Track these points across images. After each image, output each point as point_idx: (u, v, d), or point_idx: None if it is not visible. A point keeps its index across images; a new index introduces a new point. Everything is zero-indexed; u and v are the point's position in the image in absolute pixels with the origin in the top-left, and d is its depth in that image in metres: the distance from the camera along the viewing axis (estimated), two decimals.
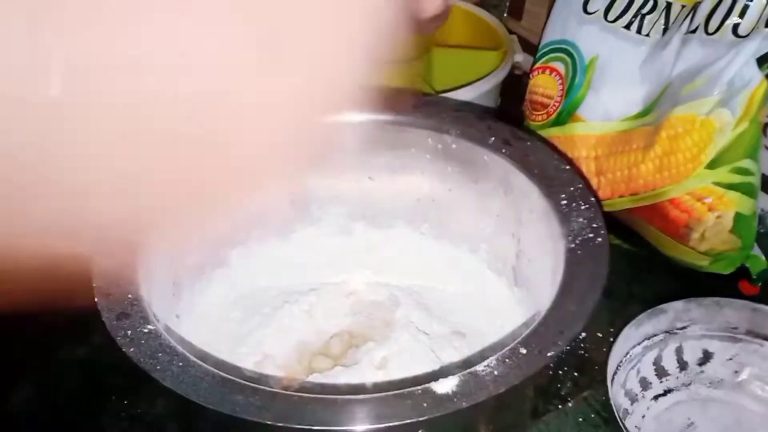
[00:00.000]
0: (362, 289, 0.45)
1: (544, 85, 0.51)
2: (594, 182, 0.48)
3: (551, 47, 0.51)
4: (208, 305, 0.42)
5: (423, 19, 0.28)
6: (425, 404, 0.27)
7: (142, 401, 0.42)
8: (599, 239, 0.34)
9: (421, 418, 0.26)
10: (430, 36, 0.62)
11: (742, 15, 0.43)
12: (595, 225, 0.35)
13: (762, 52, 0.42)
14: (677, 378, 0.42)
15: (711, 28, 0.44)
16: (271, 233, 0.45)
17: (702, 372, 0.42)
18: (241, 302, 0.43)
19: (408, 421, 0.26)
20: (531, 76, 0.52)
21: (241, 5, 0.16)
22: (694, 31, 0.45)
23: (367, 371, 0.38)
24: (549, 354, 0.29)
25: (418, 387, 0.27)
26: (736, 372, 0.42)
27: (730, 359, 0.42)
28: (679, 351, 0.42)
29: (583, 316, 0.30)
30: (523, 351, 0.29)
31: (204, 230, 0.24)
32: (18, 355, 0.45)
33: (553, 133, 0.50)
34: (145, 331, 0.30)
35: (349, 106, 0.19)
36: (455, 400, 0.27)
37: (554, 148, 0.40)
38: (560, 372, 0.44)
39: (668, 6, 0.47)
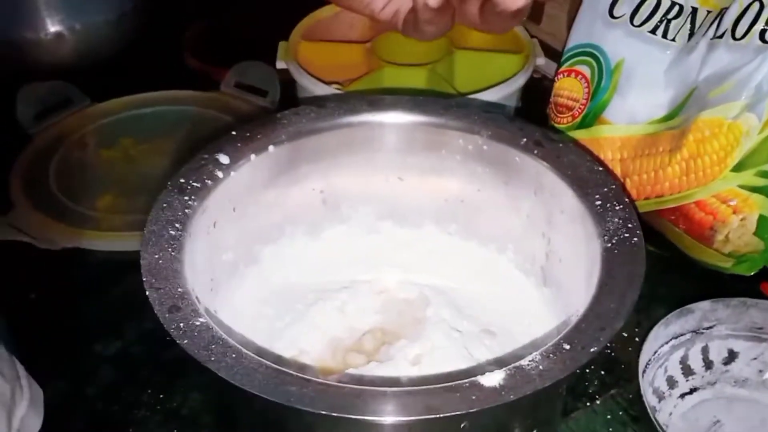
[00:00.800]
0: (393, 287, 0.46)
1: (569, 88, 0.52)
2: None
3: (577, 50, 0.51)
4: (243, 301, 0.42)
5: (507, 12, 0.29)
6: (474, 397, 0.27)
7: (177, 395, 0.43)
8: (635, 239, 0.35)
9: (471, 410, 0.27)
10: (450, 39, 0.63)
11: None
12: (630, 225, 0.35)
13: None
14: (703, 377, 0.43)
15: (738, 34, 0.45)
16: (302, 231, 0.46)
17: (727, 371, 0.43)
18: (274, 299, 0.43)
19: (458, 413, 0.27)
20: (556, 78, 0.53)
21: None
22: (721, 36, 0.45)
23: (401, 367, 0.39)
24: (592, 350, 0.29)
25: (466, 380, 0.28)
26: (760, 371, 0.43)
27: (755, 359, 0.42)
28: (705, 350, 0.42)
29: (623, 313, 0.31)
30: (567, 347, 0.29)
31: None
32: (54, 349, 0.46)
33: (578, 136, 0.51)
34: (197, 323, 0.30)
35: None
36: (503, 393, 0.28)
37: (586, 150, 0.41)
38: (588, 371, 0.45)
39: (694, 11, 0.48)
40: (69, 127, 0.63)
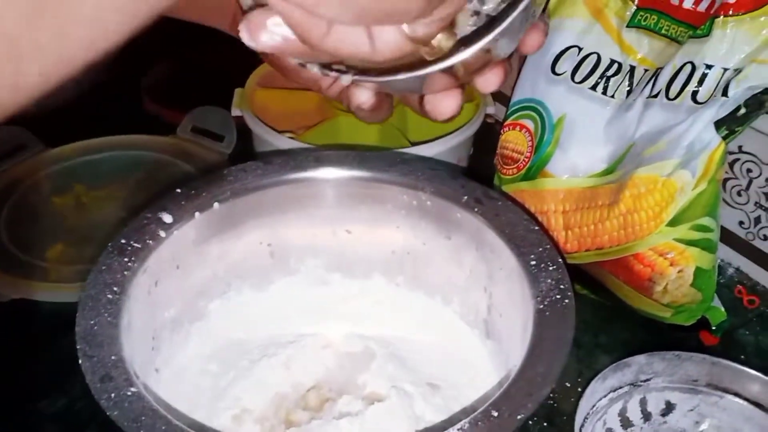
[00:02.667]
0: (338, 341, 0.46)
1: (514, 141, 0.53)
2: (562, 236, 0.50)
3: (521, 105, 0.53)
4: (186, 359, 0.42)
5: (437, 119, 0.30)
6: None
7: None
8: (566, 300, 0.36)
9: None
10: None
11: (700, 83, 0.45)
12: (562, 286, 0.36)
13: (719, 117, 0.45)
14: (641, 428, 0.44)
15: (672, 94, 0.46)
16: (249, 285, 0.46)
17: (665, 422, 0.44)
18: (218, 355, 0.44)
19: None
20: (502, 131, 0.54)
21: None
22: (656, 96, 0.47)
23: (343, 425, 0.39)
24: (519, 417, 0.30)
25: None
26: (696, 422, 0.44)
27: (692, 410, 0.43)
28: (643, 402, 0.43)
29: (551, 379, 0.32)
30: (495, 413, 0.30)
31: None
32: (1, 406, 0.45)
33: (523, 187, 0.52)
34: (128, 393, 0.30)
35: None
36: None
37: (524, 209, 0.42)
38: (530, 422, 0.46)
39: (632, 69, 0.50)
40: (21, 173, 0.63)
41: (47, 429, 0.45)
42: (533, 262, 0.38)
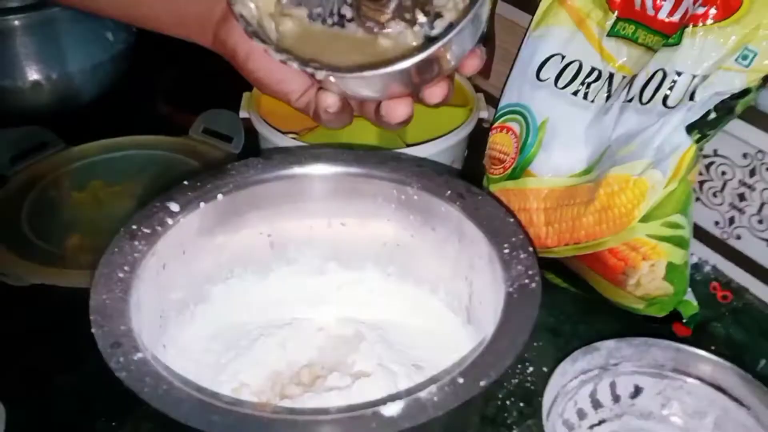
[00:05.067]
0: (331, 325, 0.50)
1: (501, 143, 0.57)
2: (543, 231, 0.54)
3: (508, 109, 0.56)
4: (191, 337, 0.46)
5: (391, 123, 0.35)
6: (374, 425, 0.31)
7: (128, 424, 0.47)
8: (533, 285, 0.39)
9: None
10: None
11: (671, 89, 0.49)
12: (531, 272, 0.40)
13: (689, 121, 0.48)
14: (611, 410, 0.47)
15: (645, 99, 0.50)
16: (250, 272, 0.50)
17: (633, 405, 0.47)
18: (220, 335, 0.47)
19: None
20: (490, 133, 0.58)
21: None
22: (630, 101, 0.50)
23: (332, 399, 0.43)
24: (482, 383, 0.33)
25: (369, 410, 0.32)
26: (663, 405, 0.47)
27: (658, 394, 0.46)
28: (612, 385, 0.46)
29: (513, 353, 0.35)
30: (461, 380, 0.34)
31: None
32: (18, 379, 0.49)
33: (508, 186, 0.56)
34: (135, 358, 0.34)
35: None
36: (399, 422, 0.32)
37: (501, 203, 0.45)
38: (508, 402, 0.49)
39: (611, 76, 0.53)
40: (43, 170, 0.67)
41: (61, 402, 0.49)
42: (506, 251, 0.41)
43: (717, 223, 0.58)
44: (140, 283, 0.40)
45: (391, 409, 0.32)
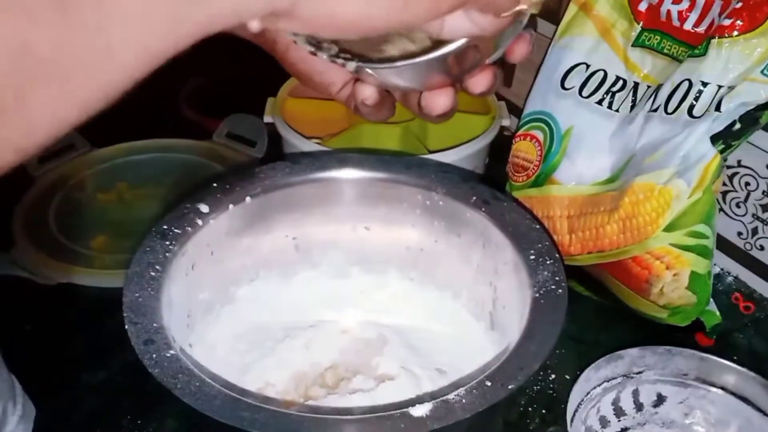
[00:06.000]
0: (355, 328, 0.50)
1: (525, 150, 0.57)
2: (567, 239, 0.54)
3: (532, 117, 0.57)
4: (216, 337, 0.47)
5: (431, 115, 0.35)
6: (402, 425, 0.32)
7: (154, 421, 0.47)
8: (560, 290, 0.39)
9: None
10: None
11: (696, 99, 0.49)
12: (557, 278, 0.40)
13: (714, 131, 0.48)
14: (633, 418, 0.47)
15: (670, 108, 0.50)
16: (276, 274, 0.50)
17: (656, 413, 0.47)
18: (246, 335, 0.48)
19: None
20: (514, 141, 0.58)
21: None
22: (655, 110, 0.51)
23: (356, 400, 0.43)
24: (509, 387, 0.34)
25: (397, 411, 0.32)
26: (686, 414, 0.47)
27: (681, 402, 0.46)
28: (635, 393, 0.46)
29: (541, 357, 0.35)
30: (488, 384, 0.34)
31: None
32: (45, 377, 0.50)
33: (531, 194, 0.56)
34: (168, 355, 0.35)
35: None
36: (428, 422, 0.32)
37: (526, 209, 0.46)
38: (530, 409, 0.49)
39: (636, 86, 0.53)
40: (70, 171, 0.69)
41: (88, 399, 0.49)
42: (532, 257, 0.42)
43: (740, 233, 0.58)
44: (170, 282, 0.40)
45: (420, 410, 0.32)
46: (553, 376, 0.51)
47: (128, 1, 0.19)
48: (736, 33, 0.48)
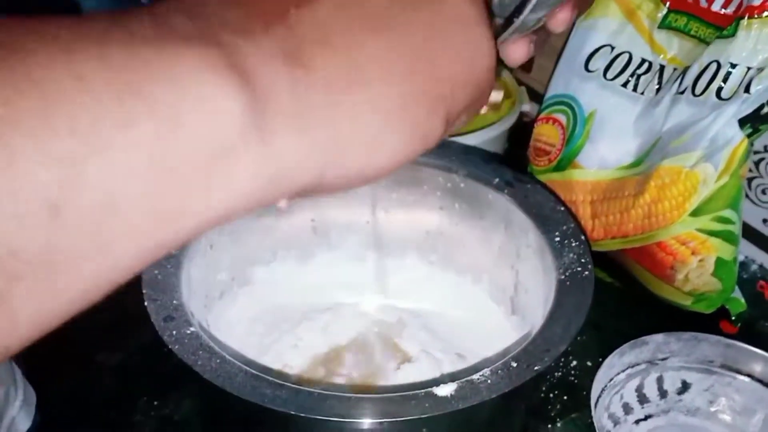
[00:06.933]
0: (373, 311, 0.49)
1: (547, 134, 0.56)
2: (589, 224, 0.53)
3: (555, 100, 0.56)
4: (234, 318, 0.46)
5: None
6: (427, 404, 0.31)
7: (170, 402, 0.47)
8: (586, 272, 0.38)
9: (423, 416, 0.30)
10: None
11: (725, 80, 0.48)
12: (583, 260, 0.39)
13: (743, 114, 0.47)
14: (657, 405, 0.46)
15: (698, 91, 0.49)
16: (293, 256, 0.50)
17: (680, 400, 0.46)
18: (263, 317, 0.47)
19: (411, 417, 0.30)
20: (536, 125, 0.57)
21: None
22: (682, 92, 0.50)
23: (377, 381, 0.43)
24: (536, 368, 0.33)
25: (422, 390, 0.32)
26: (711, 402, 0.46)
27: (706, 390, 0.46)
28: (660, 380, 0.46)
29: (567, 338, 0.34)
30: (514, 365, 0.33)
31: None
32: (61, 358, 0.49)
33: (553, 178, 0.55)
34: (188, 332, 0.34)
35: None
36: (453, 402, 0.31)
37: (551, 191, 0.45)
38: (551, 395, 0.48)
39: (662, 68, 0.52)
40: None
41: (105, 379, 0.49)
42: (557, 239, 0.41)
43: (765, 221, 0.57)
44: (189, 261, 0.40)
45: (445, 390, 0.32)
46: (574, 362, 0.51)
47: (129, 205, 0.17)
48: (766, 14, 0.46)
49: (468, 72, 0.24)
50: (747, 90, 0.47)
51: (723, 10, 0.49)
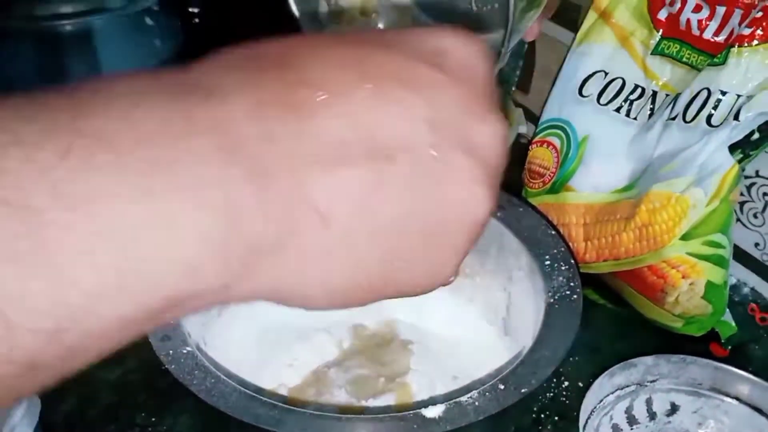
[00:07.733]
0: (368, 330, 0.50)
1: (541, 157, 0.57)
2: (582, 247, 0.54)
3: (549, 124, 0.57)
4: (230, 337, 0.47)
5: None
6: (415, 426, 0.32)
7: (168, 417, 0.48)
8: (575, 296, 0.39)
9: None
10: None
11: (715, 108, 0.49)
12: (572, 284, 0.40)
13: (733, 140, 0.48)
14: (647, 427, 0.46)
15: (688, 117, 0.50)
16: None
17: (669, 422, 0.47)
18: (259, 336, 0.48)
19: None
20: (530, 147, 0.58)
21: None
22: (674, 118, 0.51)
23: (370, 400, 0.43)
24: (523, 390, 0.34)
25: (411, 411, 0.32)
26: (699, 424, 0.46)
27: (695, 412, 0.46)
28: (649, 402, 0.46)
29: (555, 361, 0.35)
30: (501, 387, 0.34)
31: None
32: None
33: (547, 200, 0.56)
34: (184, 351, 0.35)
35: None
36: (441, 424, 0.32)
37: (542, 215, 0.46)
38: (542, 416, 0.49)
39: (654, 94, 0.53)
40: None
41: (104, 394, 0.50)
42: (548, 262, 0.42)
43: (757, 244, 0.58)
44: None
45: (433, 411, 0.32)
46: (566, 383, 0.51)
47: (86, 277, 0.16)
48: (756, 42, 0.48)
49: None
50: (736, 117, 0.48)
51: (714, 38, 0.50)
